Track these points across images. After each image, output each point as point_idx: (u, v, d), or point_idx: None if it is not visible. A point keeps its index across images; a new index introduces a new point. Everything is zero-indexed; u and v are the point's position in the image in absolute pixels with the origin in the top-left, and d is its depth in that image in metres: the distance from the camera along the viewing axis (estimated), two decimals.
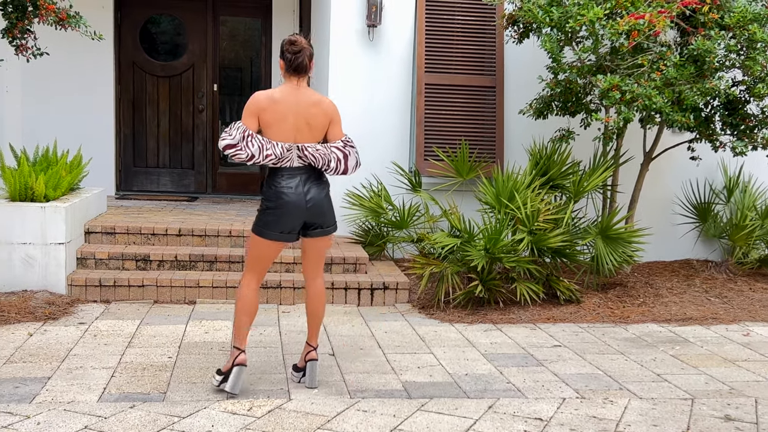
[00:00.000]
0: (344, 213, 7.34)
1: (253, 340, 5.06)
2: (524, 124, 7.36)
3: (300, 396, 4.06)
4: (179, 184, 9.19)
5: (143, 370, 4.36)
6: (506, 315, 5.89)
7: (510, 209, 6.10)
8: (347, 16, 7.34)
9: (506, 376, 4.50)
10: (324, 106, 4.05)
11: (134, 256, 6.22)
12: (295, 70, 3.97)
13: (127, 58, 8.90)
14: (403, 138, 7.57)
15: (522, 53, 7.28)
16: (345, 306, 6.16)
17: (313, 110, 4.00)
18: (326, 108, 4.06)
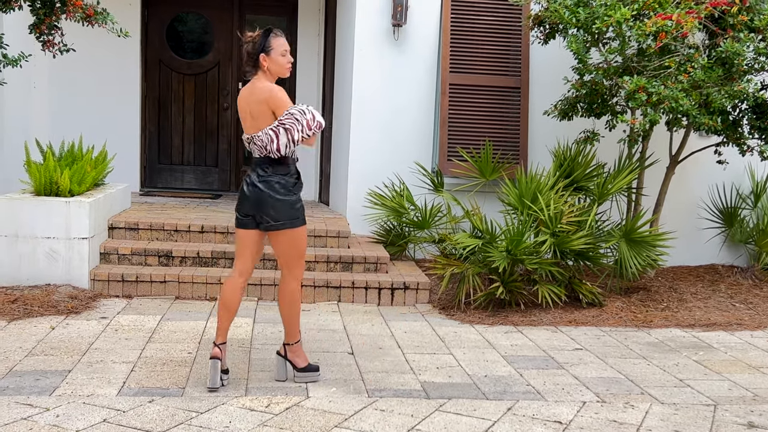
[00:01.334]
0: (366, 212, 7.33)
1: (272, 338, 5.07)
2: (548, 125, 7.31)
3: (318, 394, 4.05)
4: (203, 182, 9.24)
5: (163, 365, 4.38)
6: (527, 317, 5.85)
7: (533, 211, 6.05)
8: (372, 15, 7.33)
9: (526, 379, 4.46)
10: (259, 94, 4.03)
11: (157, 252, 6.26)
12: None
13: (153, 56, 8.96)
14: (427, 138, 7.55)
15: (547, 54, 7.23)
16: (365, 305, 6.15)
17: (253, 100, 4.05)
18: (260, 96, 4.02)
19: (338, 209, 8.04)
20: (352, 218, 7.47)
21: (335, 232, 6.81)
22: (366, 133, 7.48)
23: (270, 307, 5.89)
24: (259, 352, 4.73)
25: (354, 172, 7.53)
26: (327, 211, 8.23)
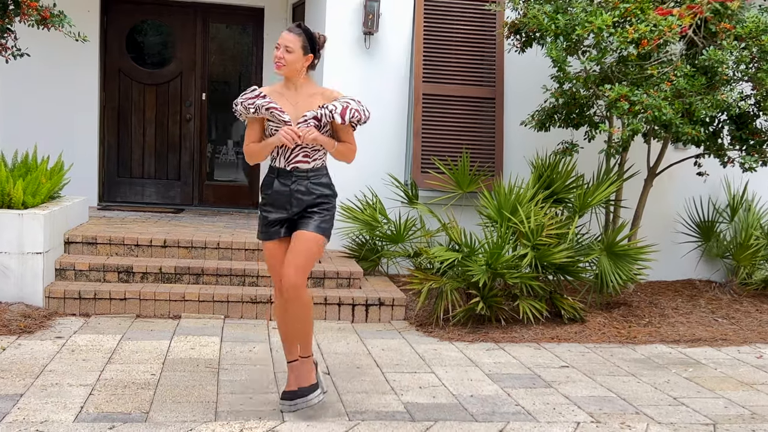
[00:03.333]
0: (337, 226, 7.04)
1: (242, 357, 4.75)
2: (524, 135, 7.12)
3: (294, 417, 3.74)
4: (165, 196, 8.87)
5: (124, 387, 4.04)
6: (508, 333, 5.61)
7: (512, 223, 5.84)
8: (342, 23, 7.09)
9: (514, 398, 4.21)
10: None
11: (116, 268, 5.89)
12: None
13: (112, 65, 8.59)
14: (399, 149, 7.31)
15: (522, 63, 7.04)
16: (339, 322, 5.86)
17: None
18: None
19: None
20: None
21: None
22: None
23: (238, 324, 5.57)
24: (228, 373, 4.41)
25: None
26: None
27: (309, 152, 3.81)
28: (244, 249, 6.39)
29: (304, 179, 3.81)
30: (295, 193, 3.81)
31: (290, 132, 3.65)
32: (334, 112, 3.70)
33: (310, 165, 3.82)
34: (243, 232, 6.95)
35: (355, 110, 3.74)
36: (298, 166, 3.80)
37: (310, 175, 3.82)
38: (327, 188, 3.86)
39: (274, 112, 3.73)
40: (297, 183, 3.80)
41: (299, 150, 3.79)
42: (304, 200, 3.81)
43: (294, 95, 3.81)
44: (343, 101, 3.75)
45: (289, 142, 3.65)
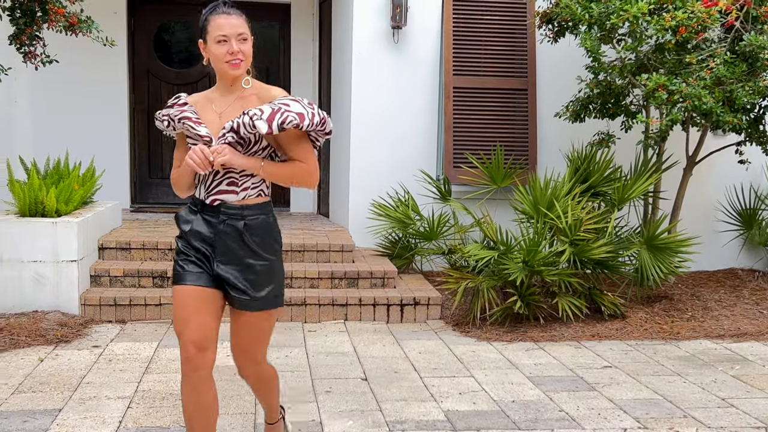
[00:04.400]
0: (370, 224, 6.98)
1: (278, 363, 4.70)
2: (558, 127, 6.97)
3: (334, 428, 3.69)
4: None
5: (162, 399, 4.01)
6: (547, 332, 5.50)
7: (549, 218, 5.71)
8: (370, 18, 7.00)
9: (557, 403, 4.11)
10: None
11: (151, 273, 5.88)
12: None
13: (141, 66, 8.59)
14: (430, 144, 7.21)
15: (554, 53, 6.89)
16: (374, 323, 5.79)
17: None
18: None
19: (339, 221, 7.69)
20: (355, 230, 7.12)
21: (338, 245, 6.46)
22: (367, 141, 7.13)
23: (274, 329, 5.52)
24: None
25: (356, 183, 7.17)
26: (327, 223, 7.88)
27: (236, 178, 2.79)
28: None
29: (238, 218, 2.79)
30: (223, 237, 2.79)
31: (197, 152, 2.68)
32: (255, 118, 2.67)
33: (240, 196, 2.80)
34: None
35: (290, 114, 2.68)
36: (223, 199, 2.80)
37: (245, 213, 2.79)
38: (269, 235, 2.83)
39: (187, 124, 2.79)
40: (227, 224, 2.79)
41: (222, 176, 2.79)
42: (236, 252, 2.79)
43: (226, 101, 2.84)
44: (276, 103, 2.72)
45: (196, 166, 2.68)
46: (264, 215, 2.83)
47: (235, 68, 2.77)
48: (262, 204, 2.83)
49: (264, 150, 2.80)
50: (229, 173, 2.79)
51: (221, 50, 2.76)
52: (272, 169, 2.81)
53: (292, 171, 2.83)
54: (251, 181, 2.81)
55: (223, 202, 2.80)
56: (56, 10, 5.57)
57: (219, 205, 2.80)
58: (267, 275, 2.83)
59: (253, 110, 2.68)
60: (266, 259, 2.81)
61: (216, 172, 2.78)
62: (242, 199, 2.80)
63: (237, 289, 2.79)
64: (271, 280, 2.84)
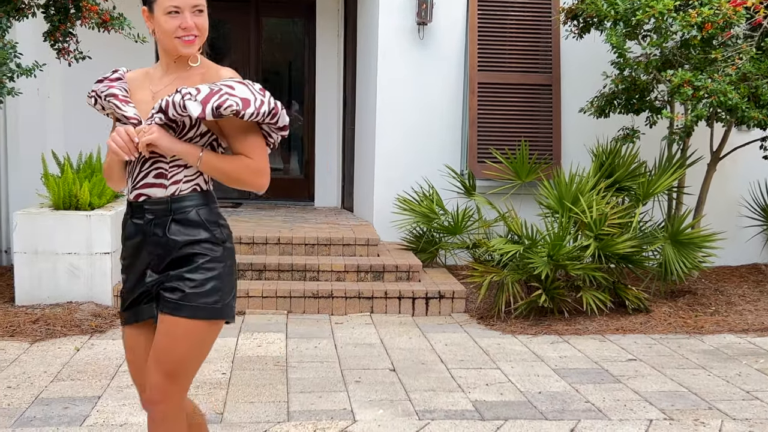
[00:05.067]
0: (394, 218, 7.06)
1: (308, 354, 4.80)
2: (582, 122, 7.01)
3: (365, 417, 3.78)
4: (222, 190, 8.97)
5: (197, 387, 4.12)
6: (572, 326, 5.56)
7: (574, 213, 5.77)
8: (396, 14, 7.07)
9: (583, 395, 4.18)
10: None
11: None
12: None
13: None
14: (455, 139, 7.27)
15: (579, 49, 6.93)
16: (399, 316, 5.88)
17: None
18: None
19: (363, 216, 7.78)
20: (379, 225, 7.21)
21: (364, 239, 6.55)
22: (391, 136, 7.22)
23: (301, 320, 5.63)
24: (296, 371, 4.47)
25: (380, 177, 7.26)
26: (352, 217, 7.97)
27: (165, 169, 2.35)
28: (304, 244, 6.45)
29: (164, 215, 2.33)
30: (150, 239, 2.34)
31: (121, 134, 2.28)
32: (188, 98, 2.21)
33: (169, 191, 2.34)
34: (302, 227, 7.01)
35: (231, 98, 2.20)
36: (149, 194, 2.34)
37: (174, 207, 2.33)
38: (204, 229, 2.33)
39: (112, 102, 2.39)
40: (153, 224, 2.34)
41: (149, 166, 2.35)
42: (164, 254, 2.33)
43: (165, 79, 2.39)
44: (218, 84, 2.25)
45: (119, 150, 2.27)
46: (199, 206, 2.34)
47: (188, 45, 2.32)
48: (197, 194, 2.35)
49: (202, 137, 2.33)
50: (157, 162, 2.33)
51: (172, 24, 2.29)
52: (213, 162, 2.31)
53: (236, 167, 2.32)
54: (183, 173, 2.34)
55: (149, 198, 2.34)
56: (89, 7, 5.69)
57: (144, 201, 2.34)
58: (206, 273, 2.31)
59: (186, 89, 2.23)
60: (203, 254, 2.31)
61: (143, 161, 2.34)
62: (171, 194, 2.33)
63: (166, 289, 2.31)
64: (211, 279, 2.31)
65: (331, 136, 8.85)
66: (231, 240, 2.43)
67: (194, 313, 2.29)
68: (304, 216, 7.91)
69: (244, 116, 2.22)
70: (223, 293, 2.34)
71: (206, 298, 2.30)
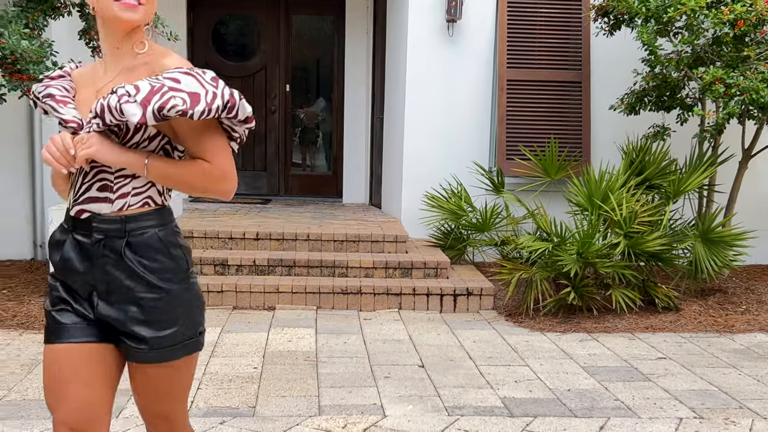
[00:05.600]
0: (422, 215, 7.10)
1: (338, 350, 4.85)
2: (612, 119, 6.99)
3: (395, 412, 3.82)
4: (252, 186, 9.08)
5: (229, 381, 4.19)
6: (601, 323, 5.56)
7: (604, 211, 5.76)
8: (426, 12, 7.09)
9: (612, 392, 4.19)
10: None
11: (213, 261, 6.09)
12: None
13: (199, 60, 8.81)
14: (483, 136, 7.29)
15: (609, 45, 6.91)
16: (427, 312, 5.91)
17: None
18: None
19: (391, 212, 7.82)
20: (407, 221, 7.24)
21: (392, 236, 6.59)
22: (420, 133, 7.25)
23: (331, 316, 5.69)
24: (326, 366, 4.52)
25: (408, 174, 7.29)
26: (380, 214, 8.01)
27: (109, 180, 2.01)
28: (333, 240, 6.50)
29: (117, 235, 1.99)
30: (100, 264, 2.01)
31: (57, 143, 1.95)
32: (125, 99, 1.84)
33: (116, 206, 2.00)
34: (330, 223, 7.07)
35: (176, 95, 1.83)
36: (93, 210, 2.01)
37: (129, 228, 2.00)
38: (164, 254, 2.01)
39: (48, 104, 2.04)
40: (104, 245, 2.00)
41: (91, 177, 2.02)
42: (121, 284, 2.00)
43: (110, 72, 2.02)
44: (161, 78, 1.88)
45: (54, 162, 1.95)
46: (155, 228, 2.02)
47: (128, 9, 1.91)
48: (152, 213, 2.02)
49: (151, 141, 1.98)
50: (100, 173, 2.00)
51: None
52: (162, 168, 1.97)
53: (192, 173, 1.97)
54: (131, 185, 2.00)
55: (95, 215, 2.01)
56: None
57: (89, 218, 2.01)
58: (169, 311, 2.01)
59: (124, 87, 1.85)
60: (163, 289, 1.99)
61: (84, 172, 2.01)
62: (120, 209, 2.00)
63: (129, 336, 2.00)
64: (175, 317, 2.01)
65: (360, 133, 8.90)
66: (190, 260, 2.11)
67: (165, 358, 2.02)
68: (333, 212, 7.96)
69: (194, 116, 1.84)
70: (191, 327, 2.06)
71: (175, 338, 2.02)
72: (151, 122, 1.85)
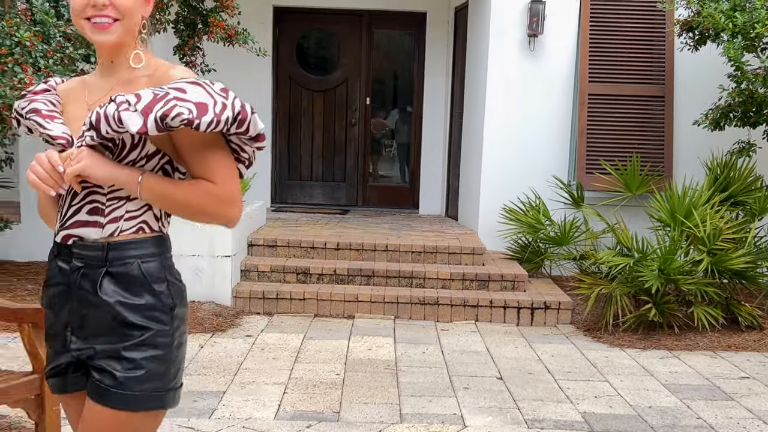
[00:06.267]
0: (499, 228, 7.14)
1: (416, 359, 4.95)
2: (695, 135, 6.90)
3: (475, 423, 3.89)
4: (331, 197, 9.27)
5: (314, 387, 4.33)
6: (682, 341, 5.50)
7: (686, 227, 5.70)
8: (507, 26, 7.15)
9: (694, 411, 4.16)
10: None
11: (295, 269, 6.27)
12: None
13: (284, 73, 9.07)
14: (562, 150, 7.29)
15: (692, 61, 6.84)
16: (504, 325, 5.95)
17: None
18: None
19: (468, 224, 7.88)
20: (484, 234, 7.29)
21: (469, 248, 6.65)
22: (498, 146, 7.30)
23: (408, 325, 5.79)
24: (406, 375, 4.62)
25: (486, 187, 7.35)
26: (456, 225, 8.08)
27: (101, 203, 1.81)
28: (410, 251, 6.61)
29: (97, 265, 1.80)
30: (75, 294, 1.82)
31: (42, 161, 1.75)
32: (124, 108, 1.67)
33: (107, 231, 1.81)
34: (408, 234, 7.18)
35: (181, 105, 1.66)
36: (80, 235, 1.82)
37: (111, 256, 1.80)
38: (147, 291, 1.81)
39: (33, 119, 1.83)
40: (81, 274, 1.81)
41: (81, 199, 1.82)
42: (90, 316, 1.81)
43: (104, 86, 1.84)
44: (166, 88, 1.70)
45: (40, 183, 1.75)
46: (141, 258, 1.81)
47: (100, 31, 1.74)
48: (142, 241, 1.81)
49: (149, 159, 1.79)
50: (91, 194, 1.80)
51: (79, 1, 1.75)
52: (158, 188, 1.77)
53: (193, 194, 1.77)
54: (125, 208, 1.80)
55: (80, 240, 1.81)
56: (217, 23, 6.04)
57: (73, 244, 1.81)
58: (145, 350, 1.79)
59: (123, 96, 1.68)
60: (143, 326, 1.79)
61: (73, 193, 1.81)
62: (110, 234, 1.80)
63: (96, 369, 1.81)
64: (151, 359, 1.79)
65: (437, 145, 9.01)
66: (183, 300, 1.90)
67: (125, 403, 1.78)
68: (410, 223, 8.07)
69: (200, 126, 1.66)
70: (165, 377, 1.82)
71: (143, 384, 1.78)
72: (152, 132, 1.66)
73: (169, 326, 1.83)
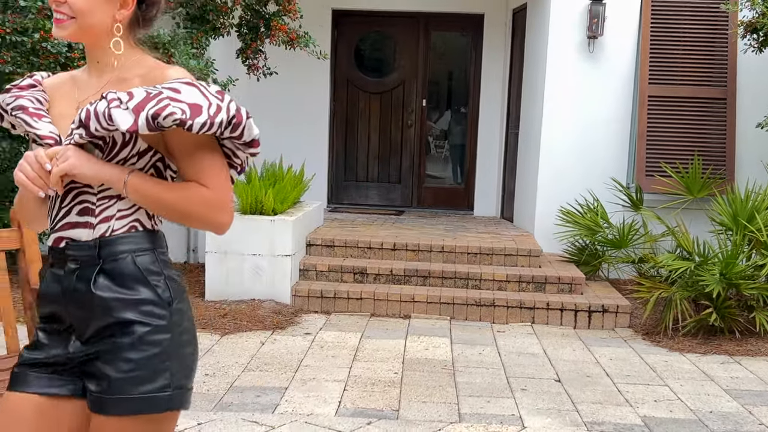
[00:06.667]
0: (556, 230, 7.12)
1: (473, 360, 4.98)
2: (759, 138, 6.79)
3: (534, 424, 3.91)
4: (386, 198, 9.35)
5: (372, 385, 4.40)
6: (743, 346, 5.43)
7: (749, 231, 5.62)
8: (566, 28, 7.13)
9: (757, 417, 4.11)
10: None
11: (352, 269, 6.35)
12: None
13: (341, 76, 9.18)
14: (621, 152, 7.24)
15: (755, 62, 6.72)
16: (561, 328, 5.94)
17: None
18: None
19: (524, 226, 7.87)
20: (540, 236, 7.28)
21: (525, 250, 6.65)
22: (556, 148, 7.28)
23: (464, 326, 5.82)
24: (463, 375, 4.66)
25: (543, 189, 7.34)
26: (512, 227, 8.08)
27: (91, 202, 1.76)
28: (466, 253, 6.64)
29: (90, 263, 1.74)
30: (71, 296, 1.75)
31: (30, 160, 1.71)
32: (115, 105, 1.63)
33: (98, 231, 1.75)
34: (463, 236, 7.20)
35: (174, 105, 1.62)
36: (72, 237, 1.76)
37: (103, 253, 1.74)
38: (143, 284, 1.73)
39: (20, 118, 1.79)
40: (76, 276, 1.75)
41: (70, 200, 1.77)
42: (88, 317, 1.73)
43: (94, 84, 1.80)
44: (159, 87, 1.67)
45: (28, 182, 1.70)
46: (134, 252, 1.75)
47: (56, 25, 1.75)
48: (133, 235, 1.76)
49: (141, 157, 1.74)
50: (81, 194, 1.76)
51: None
52: (146, 189, 1.72)
53: (183, 196, 1.73)
54: (116, 207, 1.75)
55: (71, 242, 1.76)
56: (279, 26, 6.16)
57: (66, 246, 1.76)
58: (146, 349, 1.70)
59: (115, 93, 1.65)
60: (141, 322, 1.71)
61: (63, 194, 1.76)
62: (102, 234, 1.74)
63: (91, 376, 1.73)
64: (152, 357, 1.70)
65: (493, 147, 9.01)
66: (183, 297, 1.79)
67: (130, 407, 1.68)
68: (464, 225, 8.10)
69: (192, 127, 1.63)
70: (171, 374, 1.71)
71: (147, 385, 1.68)
72: (143, 131, 1.62)
73: (167, 321, 1.72)
